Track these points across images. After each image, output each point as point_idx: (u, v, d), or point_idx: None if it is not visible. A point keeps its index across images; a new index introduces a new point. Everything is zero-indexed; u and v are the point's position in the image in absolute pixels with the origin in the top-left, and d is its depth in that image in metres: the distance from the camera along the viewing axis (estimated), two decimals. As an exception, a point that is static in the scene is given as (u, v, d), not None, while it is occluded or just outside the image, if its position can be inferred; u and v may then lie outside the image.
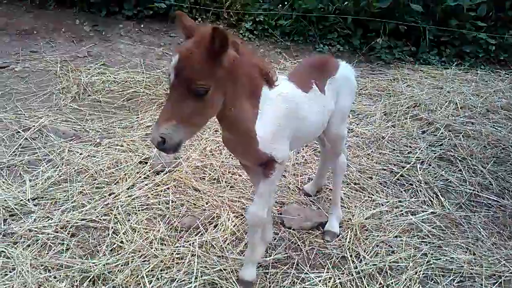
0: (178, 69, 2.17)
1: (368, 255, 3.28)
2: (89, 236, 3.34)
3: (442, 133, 4.92)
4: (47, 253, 3.15)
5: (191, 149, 4.42)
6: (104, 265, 3.05)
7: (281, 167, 2.75)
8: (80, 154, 4.23)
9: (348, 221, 3.61)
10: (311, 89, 2.89)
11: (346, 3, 6.93)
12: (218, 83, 2.26)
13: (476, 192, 4.12)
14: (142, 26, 7.14)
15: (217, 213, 3.60)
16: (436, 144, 4.75)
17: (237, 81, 2.38)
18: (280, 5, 7.15)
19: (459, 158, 4.53)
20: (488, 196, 4.08)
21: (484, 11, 7.03)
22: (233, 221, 3.53)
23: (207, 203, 3.71)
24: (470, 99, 5.72)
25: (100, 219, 3.48)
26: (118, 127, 4.74)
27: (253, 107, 2.53)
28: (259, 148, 2.58)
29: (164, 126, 2.19)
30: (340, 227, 3.53)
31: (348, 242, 3.38)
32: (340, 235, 3.48)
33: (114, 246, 3.25)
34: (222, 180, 4.02)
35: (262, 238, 3.09)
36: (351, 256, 3.28)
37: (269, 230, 3.21)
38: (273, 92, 2.60)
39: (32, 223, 3.39)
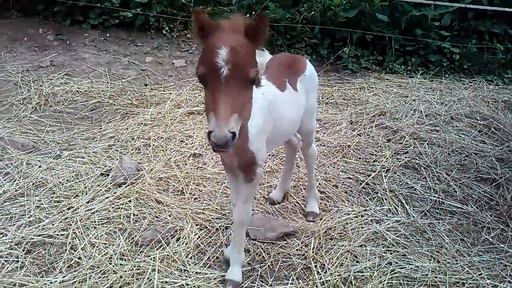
0: (234, 60, 2.09)
1: (332, 266, 3.24)
2: (45, 253, 3.22)
3: (407, 141, 4.95)
4: (0, 272, 3.01)
5: (155, 160, 4.33)
6: (60, 282, 2.94)
7: (261, 170, 2.82)
8: (39, 166, 4.09)
9: (312, 231, 3.57)
10: (285, 88, 3.03)
11: (313, 12, 6.97)
12: None
13: (441, 200, 4.14)
14: (107, 35, 7.02)
15: (180, 226, 3.51)
16: (401, 152, 4.78)
17: None
18: (248, 15, 7.13)
19: (424, 166, 4.56)
20: (452, 203, 4.10)
21: (448, 21, 7.16)
22: (196, 234, 3.46)
23: (170, 216, 3.62)
24: (434, 107, 5.79)
25: (58, 235, 3.36)
26: (80, 139, 4.62)
27: None
28: (248, 147, 2.64)
29: (232, 120, 2.09)
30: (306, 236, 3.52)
31: (313, 252, 3.34)
32: (305, 245, 3.44)
33: (72, 262, 3.14)
34: (186, 192, 3.94)
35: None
36: (315, 266, 3.24)
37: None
38: (258, 91, 2.63)
39: (-15, 239, 3.25)
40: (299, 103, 3.14)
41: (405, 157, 4.68)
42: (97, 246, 3.26)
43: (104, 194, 3.79)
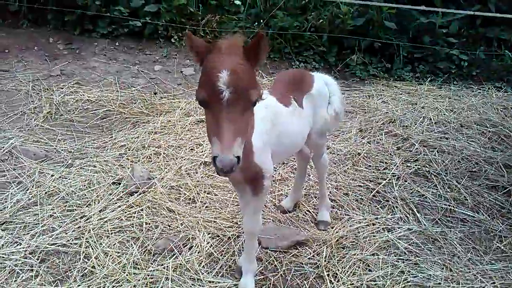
0: (235, 83, 2.04)
1: (345, 274, 3.24)
2: (59, 261, 3.24)
3: (417, 148, 4.95)
4: (15, 280, 3.03)
5: (165, 168, 4.35)
6: (74, 291, 2.96)
7: (269, 182, 2.81)
8: (52, 175, 4.13)
9: (324, 239, 3.57)
10: (290, 104, 3.02)
11: (321, 21, 7.00)
12: None
13: (452, 208, 4.13)
14: (117, 44, 7.08)
15: (192, 235, 3.53)
16: (411, 160, 4.78)
17: None
18: (256, 23, 7.18)
19: (434, 174, 4.56)
20: (464, 211, 4.09)
21: (455, 28, 7.18)
22: (208, 242, 3.47)
23: (182, 224, 3.64)
24: (444, 114, 5.79)
25: (71, 243, 3.38)
26: (91, 147, 4.65)
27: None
28: (254, 160, 2.62)
29: (236, 145, 2.05)
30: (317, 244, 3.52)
31: (325, 261, 3.35)
32: (317, 254, 3.45)
33: (86, 271, 3.15)
34: (197, 200, 3.96)
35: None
36: (328, 275, 3.24)
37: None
38: (261, 104, 2.60)
39: (0, 249, 3.27)
40: (304, 119, 3.11)
41: (415, 165, 4.67)
42: (111, 255, 3.28)
43: (116, 203, 3.82)
